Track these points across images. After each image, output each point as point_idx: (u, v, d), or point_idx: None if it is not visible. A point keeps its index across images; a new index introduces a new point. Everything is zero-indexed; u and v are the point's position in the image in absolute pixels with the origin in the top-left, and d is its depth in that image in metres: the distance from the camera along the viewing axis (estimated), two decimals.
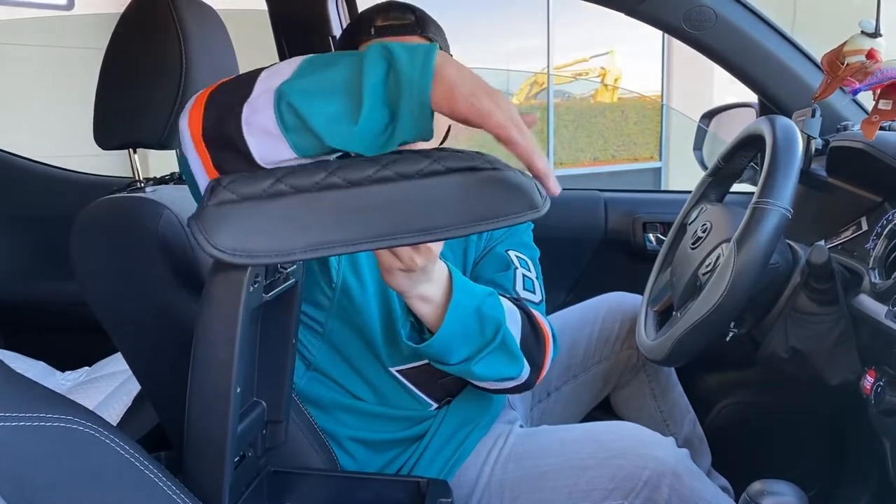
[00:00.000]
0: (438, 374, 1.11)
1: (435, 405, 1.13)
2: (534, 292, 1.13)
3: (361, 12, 1.13)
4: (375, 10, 1.10)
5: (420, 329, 0.97)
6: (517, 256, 1.15)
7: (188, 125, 0.68)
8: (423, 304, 0.91)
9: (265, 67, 0.68)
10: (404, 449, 1.12)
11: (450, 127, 1.12)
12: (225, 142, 0.67)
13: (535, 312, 1.09)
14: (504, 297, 1.06)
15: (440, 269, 0.92)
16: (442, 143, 1.14)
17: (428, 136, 0.64)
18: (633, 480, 1.03)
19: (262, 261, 0.64)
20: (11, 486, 0.58)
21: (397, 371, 1.09)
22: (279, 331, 0.88)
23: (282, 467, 0.95)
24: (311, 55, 0.67)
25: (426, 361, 1.09)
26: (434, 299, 0.91)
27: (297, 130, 0.64)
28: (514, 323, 1.02)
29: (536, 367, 1.05)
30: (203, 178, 0.69)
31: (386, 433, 1.10)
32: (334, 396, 1.09)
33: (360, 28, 1.09)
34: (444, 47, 1.12)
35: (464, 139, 1.24)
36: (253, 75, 0.68)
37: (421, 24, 1.08)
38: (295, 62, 0.66)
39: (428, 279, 0.89)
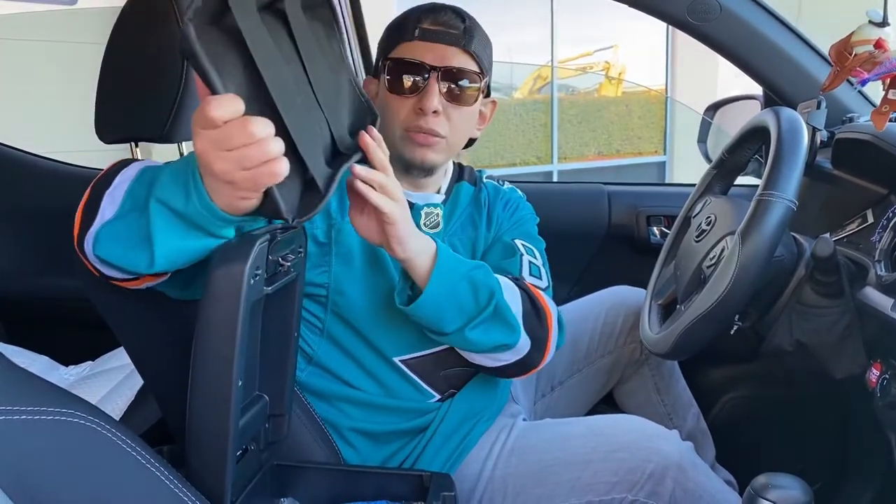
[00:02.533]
0: (442, 364, 1.11)
1: (438, 396, 1.12)
2: (540, 278, 1.14)
3: (411, 9, 1.12)
4: (425, 9, 1.10)
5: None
6: (523, 245, 1.16)
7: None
8: (417, 257, 0.95)
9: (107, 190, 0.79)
10: (407, 441, 1.11)
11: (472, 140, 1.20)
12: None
13: (539, 292, 1.10)
14: (503, 276, 1.07)
15: (428, 242, 0.97)
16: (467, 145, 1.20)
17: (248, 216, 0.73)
18: (637, 474, 1.03)
19: None
20: (12, 478, 0.58)
21: (401, 361, 1.09)
22: (281, 324, 0.88)
23: (284, 461, 0.95)
24: (147, 169, 0.78)
25: (430, 351, 1.09)
26: (425, 267, 0.95)
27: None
28: (512, 296, 1.04)
29: (540, 342, 1.06)
30: None
31: (388, 424, 1.10)
32: (336, 388, 1.09)
33: (406, 26, 1.09)
34: (487, 63, 1.12)
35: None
36: (96, 204, 0.78)
37: (468, 36, 1.08)
38: (119, 196, 0.77)
39: (403, 216, 0.91)
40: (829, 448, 1.41)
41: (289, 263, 0.82)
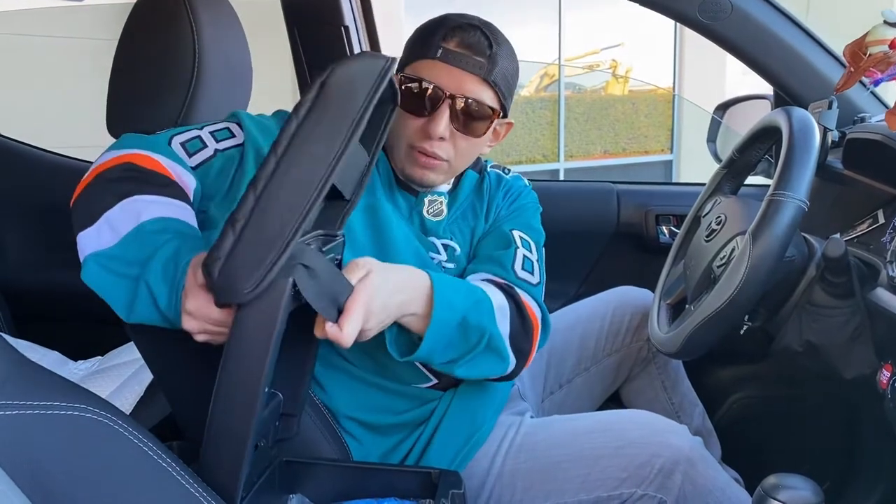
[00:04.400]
0: None
1: (434, 381, 1.11)
2: (532, 273, 1.12)
3: (439, 20, 1.07)
4: (454, 26, 1.04)
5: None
6: (521, 237, 1.15)
7: None
8: (409, 319, 0.92)
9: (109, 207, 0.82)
10: (408, 433, 1.11)
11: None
12: None
13: (526, 300, 1.08)
14: (495, 282, 1.06)
15: (421, 281, 0.93)
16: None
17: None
18: (647, 469, 1.03)
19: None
20: (26, 472, 0.58)
21: None
22: (307, 328, 0.87)
23: (293, 457, 0.95)
24: (147, 224, 0.81)
25: None
26: (418, 313, 0.92)
27: None
28: (503, 318, 1.02)
29: (523, 355, 1.05)
30: None
31: (386, 415, 1.09)
32: (327, 357, 1.08)
33: (430, 43, 1.04)
34: (508, 90, 1.08)
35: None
36: (98, 210, 0.82)
37: (492, 64, 1.03)
38: (116, 234, 0.80)
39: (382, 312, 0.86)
40: (837, 448, 1.41)
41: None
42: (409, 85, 1.04)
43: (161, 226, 0.82)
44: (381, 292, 0.85)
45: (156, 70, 1.01)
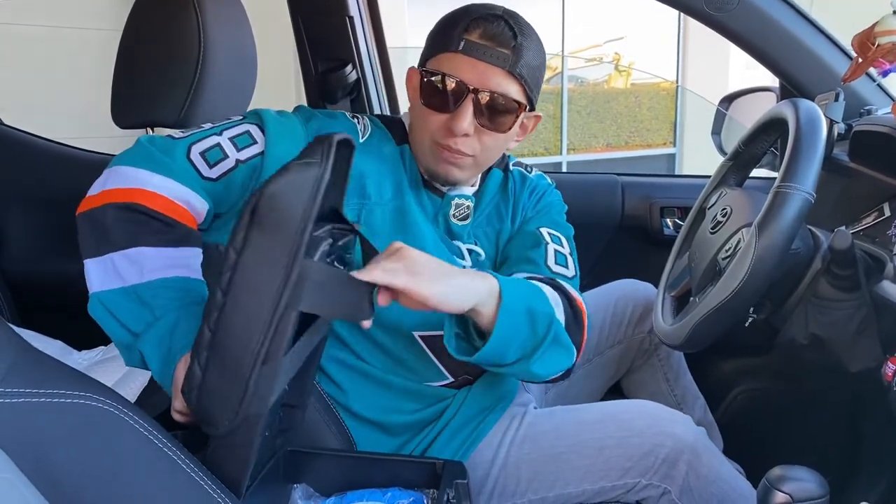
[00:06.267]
0: None
1: (450, 379, 1.11)
2: (566, 267, 1.11)
3: (462, 10, 1.02)
4: (477, 17, 1.00)
5: (468, 339, 0.95)
6: (549, 233, 1.14)
7: None
8: (482, 307, 0.89)
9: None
10: (416, 432, 1.11)
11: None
12: None
13: (571, 290, 1.07)
14: (542, 281, 1.04)
15: (487, 281, 0.90)
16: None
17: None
18: (651, 458, 1.03)
19: None
20: (32, 459, 0.58)
21: (419, 335, 1.08)
22: (313, 321, 0.87)
23: (298, 447, 0.95)
24: (147, 286, 0.85)
25: None
26: (490, 300, 0.89)
27: None
28: (558, 309, 1.00)
29: (578, 347, 1.04)
30: None
31: (397, 415, 1.09)
32: (340, 355, 1.08)
33: (452, 34, 1.00)
34: (535, 83, 1.04)
35: None
36: (104, 246, 0.86)
37: (517, 55, 0.99)
38: (125, 280, 0.85)
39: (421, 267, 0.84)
40: (841, 442, 1.41)
41: (342, 266, 0.82)
42: (431, 80, 1.01)
43: (159, 291, 0.84)
44: (432, 263, 0.85)
45: (161, 59, 1.01)
